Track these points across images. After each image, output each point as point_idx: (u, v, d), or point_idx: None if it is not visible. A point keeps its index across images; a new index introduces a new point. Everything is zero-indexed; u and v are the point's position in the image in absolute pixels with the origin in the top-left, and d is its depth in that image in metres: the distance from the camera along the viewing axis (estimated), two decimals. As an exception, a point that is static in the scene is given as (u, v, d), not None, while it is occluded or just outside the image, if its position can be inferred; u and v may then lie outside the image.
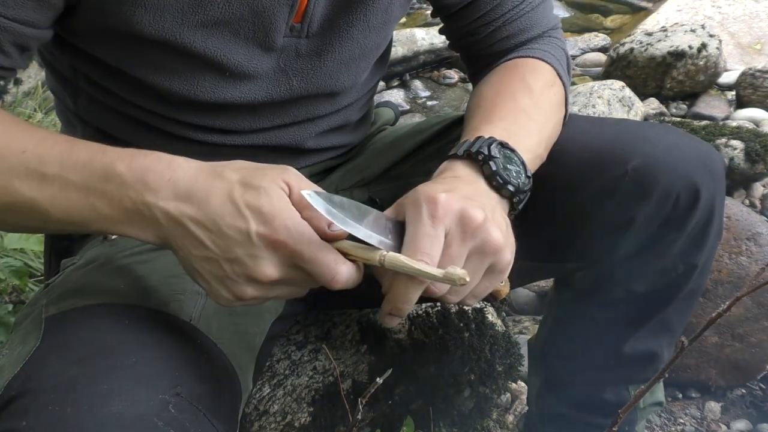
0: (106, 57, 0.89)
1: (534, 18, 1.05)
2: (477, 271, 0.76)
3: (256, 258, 0.71)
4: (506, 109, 0.94)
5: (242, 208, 0.71)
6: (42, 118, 2.38)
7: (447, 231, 0.74)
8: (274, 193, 0.72)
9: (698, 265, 1.01)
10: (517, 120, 0.92)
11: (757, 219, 1.73)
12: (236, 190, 0.72)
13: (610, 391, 1.14)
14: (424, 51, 3.15)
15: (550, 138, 0.96)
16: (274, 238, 0.70)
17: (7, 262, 1.57)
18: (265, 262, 0.71)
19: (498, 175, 0.82)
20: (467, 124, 0.94)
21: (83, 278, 0.91)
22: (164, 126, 0.96)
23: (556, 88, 1.01)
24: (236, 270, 0.72)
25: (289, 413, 1.22)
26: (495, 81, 1.02)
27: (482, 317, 1.42)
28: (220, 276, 0.73)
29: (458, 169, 0.84)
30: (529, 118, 0.93)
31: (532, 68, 1.02)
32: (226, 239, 0.71)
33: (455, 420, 1.39)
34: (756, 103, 2.65)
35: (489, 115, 0.92)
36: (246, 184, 0.72)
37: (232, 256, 0.71)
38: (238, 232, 0.71)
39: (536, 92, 0.97)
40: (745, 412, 1.66)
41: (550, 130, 0.96)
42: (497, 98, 0.97)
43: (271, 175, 0.73)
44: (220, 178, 0.73)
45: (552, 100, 0.99)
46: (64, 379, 0.71)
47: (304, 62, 0.95)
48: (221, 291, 0.74)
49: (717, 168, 0.99)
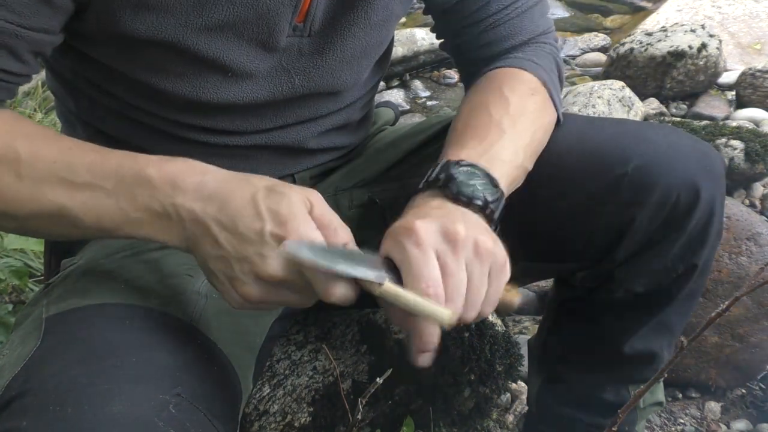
0: (107, 60, 0.90)
1: (519, 24, 1.04)
2: (482, 276, 0.76)
3: (265, 256, 0.72)
4: (479, 125, 0.93)
5: (262, 209, 0.73)
6: (42, 117, 2.38)
7: (436, 251, 0.73)
8: (295, 199, 0.73)
9: (698, 266, 1.01)
10: (489, 134, 0.91)
11: (757, 219, 1.73)
12: (260, 193, 0.74)
13: (610, 391, 1.13)
14: (424, 51, 3.15)
15: (533, 145, 0.95)
16: (285, 236, 0.71)
17: (7, 262, 1.57)
18: (271, 261, 0.72)
19: (461, 194, 0.82)
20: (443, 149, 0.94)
21: (83, 278, 0.91)
22: (167, 128, 0.96)
23: (539, 96, 1.00)
24: (245, 269, 0.72)
25: (289, 413, 1.22)
26: (472, 96, 1.01)
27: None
28: (230, 276, 0.74)
29: (424, 200, 0.84)
30: (502, 130, 0.92)
31: (511, 78, 1.01)
32: (241, 239, 0.72)
33: (455, 420, 1.39)
34: (756, 103, 2.65)
35: (460, 137, 0.92)
36: (271, 190, 0.74)
37: (242, 255, 0.72)
38: (253, 233, 0.72)
39: (513, 103, 0.96)
40: (745, 412, 1.66)
41: (529, 137, 0.95)
42: (470, 116, 0.96)
43: (297, 188, 0.76)
44: (247, 182, 0.75)
45: (532, 107, 0.98)
46: (64, 379, 0.71)
47: (306, 61, 0.95)
48: (231, 292, 0.75)
49: (717, 168, 0.99)
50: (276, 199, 0.73)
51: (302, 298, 0.75)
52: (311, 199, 0.75)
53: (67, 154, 0.78)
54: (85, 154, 0.78)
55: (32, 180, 0.76)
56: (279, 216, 0.72)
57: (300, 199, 0.74)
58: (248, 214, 0.73)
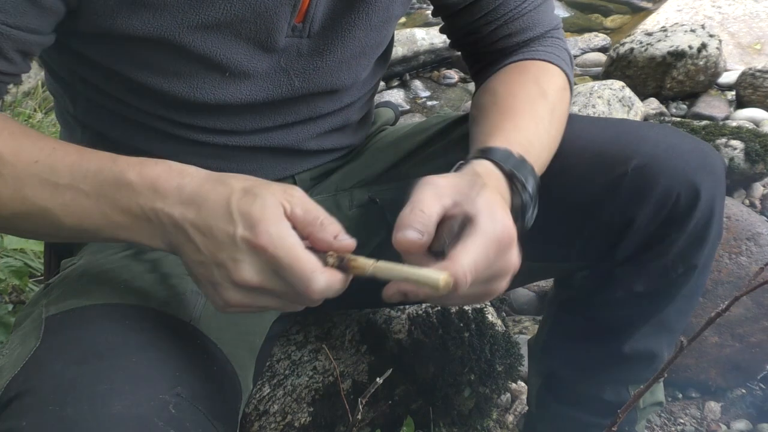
0: (104, 59, 0.89)
1: (536, 17, 1.05)
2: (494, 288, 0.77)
3: (237, 261, 0.70)
4: (525, 116, 0.94)
5: (234, 212, 0.71)
6: (42, 118, 2.39)
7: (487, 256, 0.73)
8: (269, 201, 0.71)
9: (698, 265, 1.01)
10: (537, 131, 0.93)
11: (757, 219, 1.73)
12: (234, 196, 0.72)
13: (610, 391, 1.14)
14: (424, 51, 3.15)
15: (555, 150, 0.97)
16: (254, 242, 0.69)
17: (7, 262, 1.57)
18: (245, 265, 0.70)
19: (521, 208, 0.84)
20: (484, 118, 0.95)
21: (83, 278, 0.91)
22: (164, 128, 0.95)
23: (566, 92, 1.02)
24: (222, 274, 0.71)
25: (289, 413, 1.22)
26: (508, 80, 1.02)
27: (482, 317, 1.42)
28: (212, 281, 0.72)
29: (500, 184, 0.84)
30: (545, 130, 0.94)
31: (545, 71, 1.02)
32: (215, 243, 0.71)
33: (455, 420, 1.39)
34: (756, 103, 2.65)
35: (509, 117, 0.93)
36: (246, 191, 0.72)
37: (218, 260, 0.71)
38: (226, 236, 0.70)
39: (551, 97, 0.98)
40: (745, 412, 1.66)
41: (558, 141, 0.97)
42: (514, 100, 0.97)
43: (274, 189, 0.73)
44: (223, 184, 0.73)
45: (564, 107, 1.00)
46: (64, 379, 0.71)
47: (305, 62, 0.95)
48: (214, 296, 0.73)
49: (717, 168, 0.99)
50: (249, 201, 0.71)
51: (284, 303, 0.73)
52: (291, 200, 0.72)
53: (49, 154, 0.77)
54: (67, 155, 0.77)
55: (14, 179, 0.75)
56: (251, 219, 0.70)
57: (274, 201, 0.71)
58: (221, 217, 0.71)
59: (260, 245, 0.69)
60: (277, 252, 0.69)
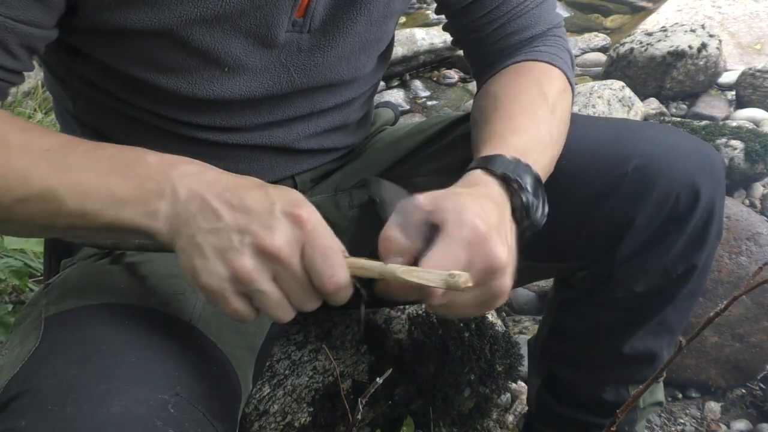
0: (102, 55, 0.89)
1: (538, 15, 1.06)
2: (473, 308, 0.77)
3: (271, 228, 0.70)
4: (525, 119, 0.94)
5: (272, 194, 0.72)
6: (42, 118, 2.39)
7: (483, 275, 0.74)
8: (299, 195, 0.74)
9: (698, 266, 1.01)
10: (537, 133, 0.92)
11: (757, 219, 1.73)
12: (268, 185, 0.74)
13: (610, 391, 1.13)
14: (424, 51, 3.16)
15: (559, 151, 0.97)
16: (296, 214, 0.70)
17: (7, 262, 1.57)
18: (279, 233, 0.70)
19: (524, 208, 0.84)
20: (485, 124, 0.94)
21: (83, 278, 0.91)
22: (163, 126, 0.95)
23: (568, 94, 1.02)
24: (245, 240, 0.70)
25: (289, 413, 1.22)
26: (508, 83, 1.02)
27: (482, 317, 1.42)
28: (222, 248, 0.70)
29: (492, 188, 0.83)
30: (546, 131, 0.94)
31: (546, 74, 1.02)
32: (248, 213, 0.71)
33: (455, 420, 1.39)
34: (756, 103, 2.65)
35: (508, 122, 0.93)
36: (276, 187, 0.74)
37: (244, 227, 0.70)
38: (262, 207, 0.71)
39: (551, 100, 0.97)
40: (745, 412, 1.66)
41: (562, 142, 0.97)
42: (515, 104, 0.97)
43: None
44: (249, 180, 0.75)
45: (565, 109, 1.00)
46: (63, 378, 0.71)
47: (305, 57, 0.95)
48: (217, 265, 0.70)
49: (717, 168, 0.99)
50: (283, 191, 0.73)
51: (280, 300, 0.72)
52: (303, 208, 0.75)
53: (62, 144, 0.77)
54: (81, 143, 0.78)
55: (23, 164, 0.74)
56: (291, 198, 0.72)
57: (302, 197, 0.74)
58: (258, 195, 0.72)
59: (303, 219, 0.70)
60: (317, 229, 0.70)
